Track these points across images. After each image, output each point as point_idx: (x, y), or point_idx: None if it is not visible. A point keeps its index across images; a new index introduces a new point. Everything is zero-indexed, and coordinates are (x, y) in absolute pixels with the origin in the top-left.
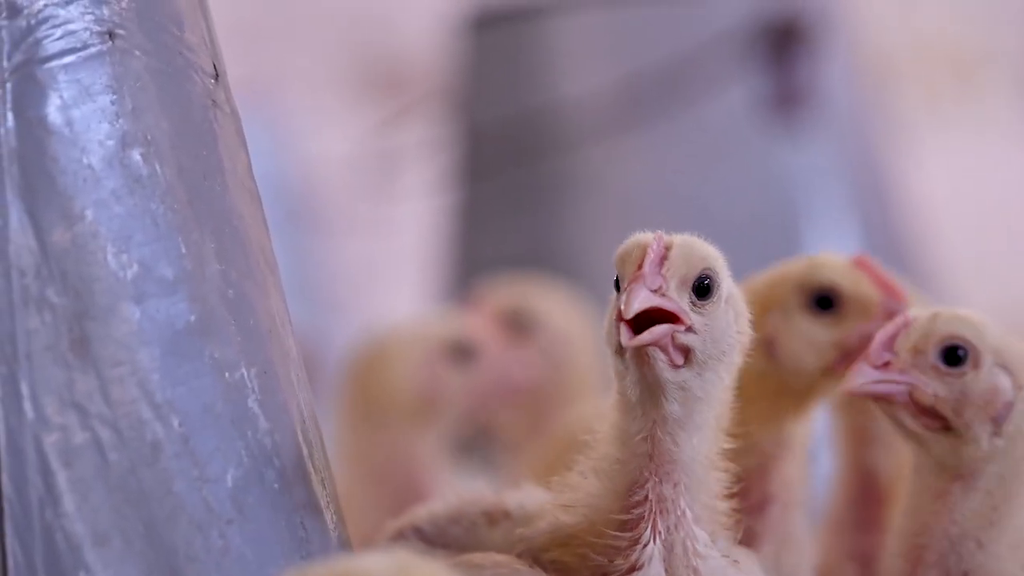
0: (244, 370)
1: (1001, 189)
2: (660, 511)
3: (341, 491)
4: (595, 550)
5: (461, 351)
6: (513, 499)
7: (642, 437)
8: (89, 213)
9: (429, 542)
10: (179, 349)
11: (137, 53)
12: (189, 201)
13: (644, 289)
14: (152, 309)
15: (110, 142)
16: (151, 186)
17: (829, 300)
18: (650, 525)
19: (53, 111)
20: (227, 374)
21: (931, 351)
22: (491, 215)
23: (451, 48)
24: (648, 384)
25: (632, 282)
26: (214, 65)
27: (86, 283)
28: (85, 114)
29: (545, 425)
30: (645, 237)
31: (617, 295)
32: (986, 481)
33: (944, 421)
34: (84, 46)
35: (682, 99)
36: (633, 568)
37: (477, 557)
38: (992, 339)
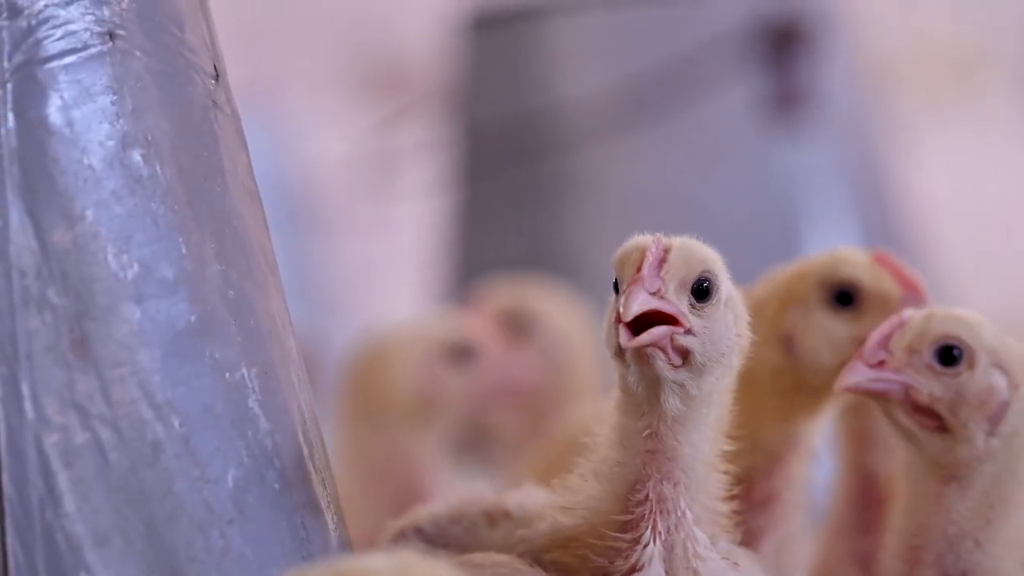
0: (245, 370)
1: (1001, 189)
2: (660, 511)
3: (341, 491)
4: (595, 551)
5: (461, 352)
6: (513, 499)
7: (646, 434)
8: (90, 214)
9: (430, 542)
10: (180, 350)
11: (138, 54)
12: (189, 202)
13: (643, 291)
14: (153, 310)
15: (111, 143)
16: (151, 187)
17: (849, 296)
18: (650, 525)
19: (54, 111)
20: (228, 374)
21: (926, 350)
22: (491, 216)
23: (451, 48)
24: (649, 382)
25: (631, 284)
26: (215, 66)
27: (87, 284)
28: (86, 115)
29: (545, 426)
30: (644, 239)
31: (616, 297)
32: (982, 480)
33: (940, 420)
34: (85, 47)
35: (682, 99)
36: (633, 569)
37: (478, 557)
38: (988, 339)
